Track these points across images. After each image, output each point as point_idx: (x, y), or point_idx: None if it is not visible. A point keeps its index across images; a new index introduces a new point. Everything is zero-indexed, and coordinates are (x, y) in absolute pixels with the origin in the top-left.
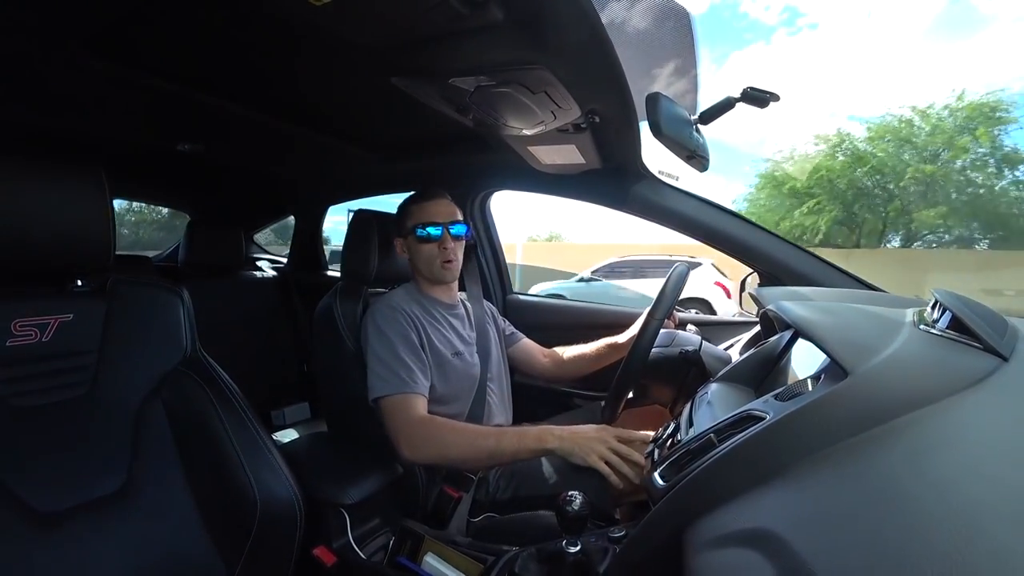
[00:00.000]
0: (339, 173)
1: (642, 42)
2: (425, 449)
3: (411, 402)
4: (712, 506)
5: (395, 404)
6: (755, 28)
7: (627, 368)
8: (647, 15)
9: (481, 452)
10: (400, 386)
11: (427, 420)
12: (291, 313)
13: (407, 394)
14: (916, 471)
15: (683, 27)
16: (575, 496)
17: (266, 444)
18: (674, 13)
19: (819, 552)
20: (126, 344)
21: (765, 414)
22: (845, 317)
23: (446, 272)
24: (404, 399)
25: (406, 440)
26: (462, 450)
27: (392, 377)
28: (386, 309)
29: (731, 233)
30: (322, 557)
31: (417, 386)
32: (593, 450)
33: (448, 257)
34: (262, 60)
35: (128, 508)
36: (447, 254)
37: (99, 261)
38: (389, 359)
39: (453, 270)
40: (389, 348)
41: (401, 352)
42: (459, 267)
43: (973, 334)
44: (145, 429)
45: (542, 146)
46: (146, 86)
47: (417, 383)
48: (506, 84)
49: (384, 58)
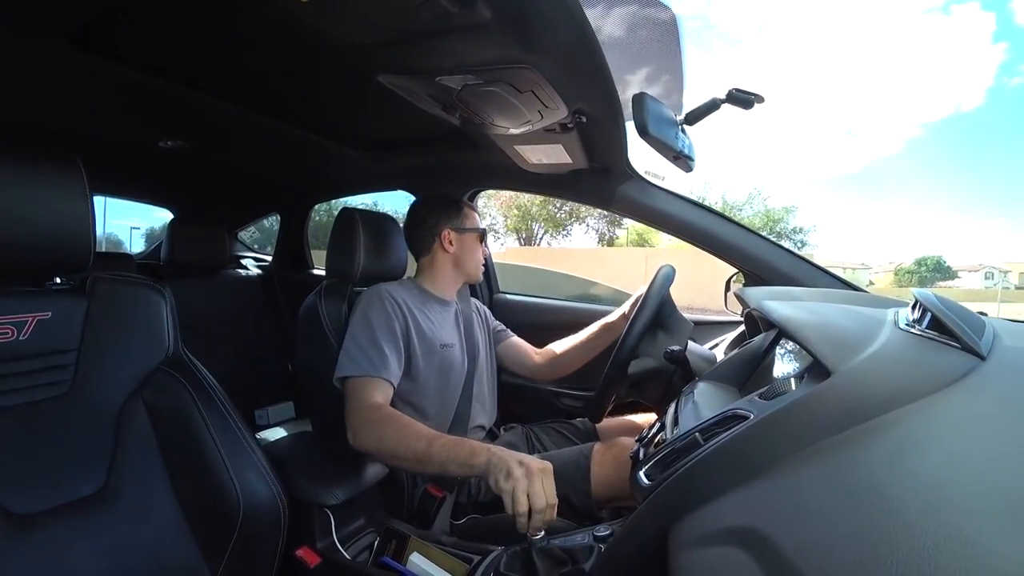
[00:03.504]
0: (325, 171)
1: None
2: (363, 437)
3: (372, 386)
4: (697, 504)
5: (356, 386)
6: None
7: (613, 367)
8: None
9: (410, 453)
10: (368, 368)
11: (376, 407)
12: (276, 312)
13: (371, 378)
14: (897, 469)
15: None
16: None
17: (249, 444)
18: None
19: (803, 548)
20: (107, 343)
21: (749, 413)
22: (828, 317)
23: (479, 274)
24: (366, 382)
25: (352, 424)
26: (394, 447)
27: (362, 359)
28: (375, 296)
29: (716, 233)
30: (305, 558)
31: (384, 372)
32: (511, 475)
33: (483, 262)
34: (248, 57)
35: (109, 509)
36: (483, 260)
37: (79, 258)
38: (364, 342)
39: (482, 274)
40: (368, 331)
41: (379, 337)
42: None
43: (952, 334)
44: (126, 429)
45: (529, 145)
46: (129, 81)
47: (386, 369)
48: (493, 83)
49: (371, 56)
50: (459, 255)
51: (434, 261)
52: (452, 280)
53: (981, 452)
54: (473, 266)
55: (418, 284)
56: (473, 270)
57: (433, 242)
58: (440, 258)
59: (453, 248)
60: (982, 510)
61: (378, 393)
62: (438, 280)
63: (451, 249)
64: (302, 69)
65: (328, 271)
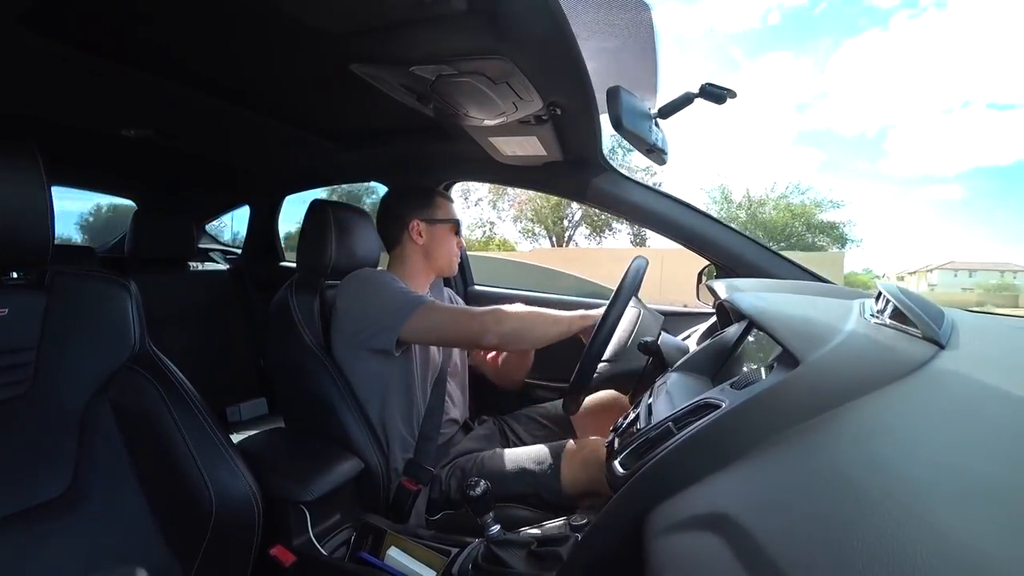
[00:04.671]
0: (296, 161)
1: (604, 35)
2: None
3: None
4: (671, 492)
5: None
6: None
7: (587, 358)
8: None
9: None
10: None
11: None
12: (246, 306)
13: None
14: (861, 454)
15: (644, 22)
16: (478, 481)
17: (221, 442)
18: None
19: (773, 533)
20: (68, 340)
21: (721, 402)
22: (797, 308)
23: (454, 267)
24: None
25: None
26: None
27: (412, 296)
28: (365, 270)
29: (689, 226)
30: (280, 557)
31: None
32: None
33: (458, 255)
34: (217, 43)
35: (74, 513)
36: (458, 252)
37: (37, 252)
38: (394, 290)
39: (456, 267)
40: (388, 286)
41: (399, 285)
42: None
43: (913, 323)
44: (92, 430)
45: (503, 137)
46: (89, 67)
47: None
48: (467, 74)
49: (343, 44)
50: (429, 246)
51: (404, 253)
52: (423, 273)
53: (941, 436)
54: (445, 258)
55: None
56: (445, 263)
57: (402, 233)
58: (410, 249)
59: (423, 240)
60: (940, 492)
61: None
62: (408, 273)
63: (420, 240)
64: (273, 57)
65: (299, 265)
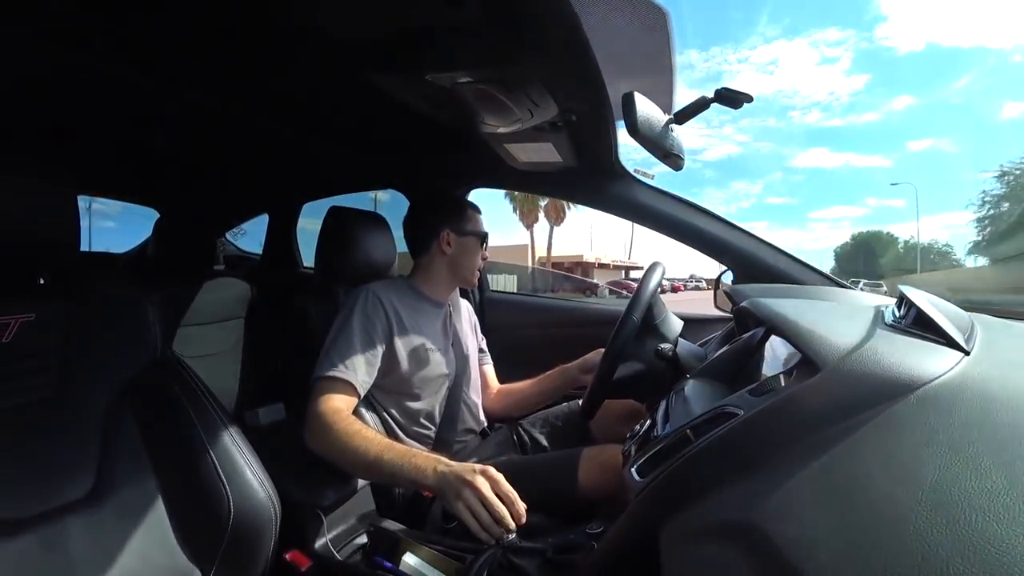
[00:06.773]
0: (314, 170)
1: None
2: (315, 440)
3: (334, 387)
4: (688, 500)
5: (321, 387)
6: None
7: (604, 366)
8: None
9: (359, 461)
10: (331, 369)
11: (334, 411)
12: (265, 311)
13: (335, 379)
14: (884, 463)
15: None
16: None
17: (240, 446)
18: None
19: (793, 542)
20: (92, 345)
21: (739, 410)
22: (817, 314)
23: (476, 279)
24: (330, 383)
25: (308, 424)
26: (341, 453)
27: (336, 359)
28: (360, 298)
29: (706, 231)
30: (296, 561)
31: (349, 373)
32: (460, 496)
33: (482, 267)
34: (237, 53)
35: (97, 513)
36: (482, 265)
37: (63, 258)
38: (341, 343)
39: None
40: (346, 332)
41: (355, 339)
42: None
43: (936, 330)
44: (114, 432)
45: (519, 144)
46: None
47: (353, 371)
48: (483, 82)
49: (361, 53)
50: (456, 257)
51: (430, 262)
52: (447, 282)
53: (965, 445)
54: (469, 270)
55: (411, 283)
56: (469, 274)
57: (431, 242)
58: (436, 259)
59: (451, 250)
60: (968, 501)
61: (340, 397)
62: (432, 281)
63: (448, 251)
64: (291, 66)
65: (317, 271)
